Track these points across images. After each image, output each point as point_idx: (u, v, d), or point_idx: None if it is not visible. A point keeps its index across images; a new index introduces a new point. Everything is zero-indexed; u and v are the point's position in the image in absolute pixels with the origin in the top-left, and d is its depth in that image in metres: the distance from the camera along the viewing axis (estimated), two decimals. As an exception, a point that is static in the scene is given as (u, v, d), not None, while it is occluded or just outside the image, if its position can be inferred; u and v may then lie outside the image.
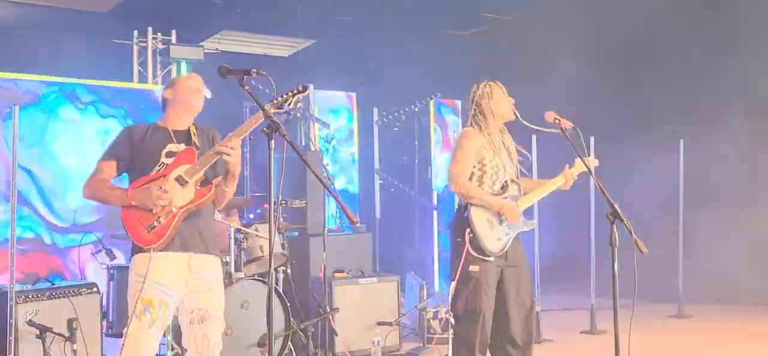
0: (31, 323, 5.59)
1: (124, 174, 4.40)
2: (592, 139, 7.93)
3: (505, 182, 5.31)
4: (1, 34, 9.12)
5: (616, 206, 4.40)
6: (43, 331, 5.60)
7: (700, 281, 9.75)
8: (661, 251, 6.11)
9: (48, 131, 8.69)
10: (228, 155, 4.11)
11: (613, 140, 9.49)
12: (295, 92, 3.99)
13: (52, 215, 8.80)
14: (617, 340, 4.36)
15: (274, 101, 3.93)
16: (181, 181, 4.18)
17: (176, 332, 5.92)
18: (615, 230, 4.38)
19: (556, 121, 5.03)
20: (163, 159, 4.27)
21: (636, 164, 10.13)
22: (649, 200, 9.72)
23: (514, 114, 5.38)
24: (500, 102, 5.33)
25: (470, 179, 5.26)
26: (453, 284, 5.27)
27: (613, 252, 4.37)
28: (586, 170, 5.03)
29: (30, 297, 5.76)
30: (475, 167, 5.27)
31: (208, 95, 4.48)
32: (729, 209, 10.21)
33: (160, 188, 4.13)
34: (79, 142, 8.86)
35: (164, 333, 4.50)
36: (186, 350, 4.29)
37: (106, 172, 4.34)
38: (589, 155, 5.20)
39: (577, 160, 5.20)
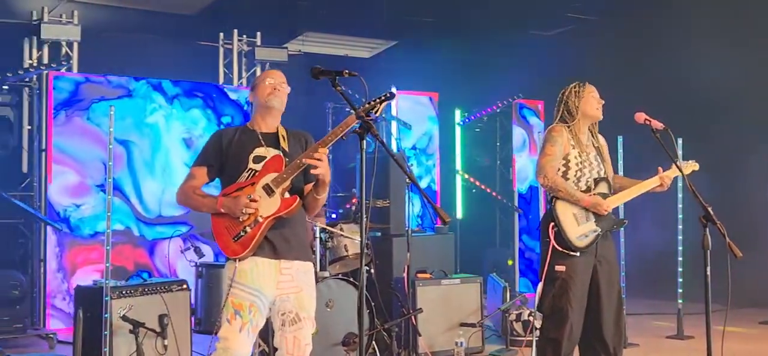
0: (124, 318, 5.75)
1: (217, 179, 4.42)
2: (680, 140, 7.79)
3: (596, 179, 5.27)
4: (93, 36, 9.41)
5: (709, 209, 4.33)
6: (136, 326, 5.75)
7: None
8: (752, 255, 5.97)
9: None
10: (315, 166, 4.09)
11: (703, 141, 9.31)
12: (383, 98, 3.90)
13: (141, 205, 9.07)
14: (710, 345, 4.29)
15: (362, 108, 3.85)
16: (268, 190, 4.18)
17: (263, 330, 6.02)
18: (708, 233, 4.32)
19: (647, 122, 4.99)
20: (252, 164, 4.27)
21: (726, 165, 9.91)
22: (741, 202, 9.51)
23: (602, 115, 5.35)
24: (588, 102, 5.30)
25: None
26: (540, 284, 5.25)
27: (706, 256, 4.30)
28: (680, 174, 4.97)
29: (123, 292, 5.93)
30: (560, 161, 5.25)
31: (287, 90, 4.43)
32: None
33: (249, 197, 4.14)
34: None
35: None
36: (277, 350, 4.33)
37: (198, 178, 4.36)
38: (678, 157, 5.11)
39: (673, 165, 5.13)
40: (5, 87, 8.42)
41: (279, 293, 4.25)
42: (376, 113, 3.91)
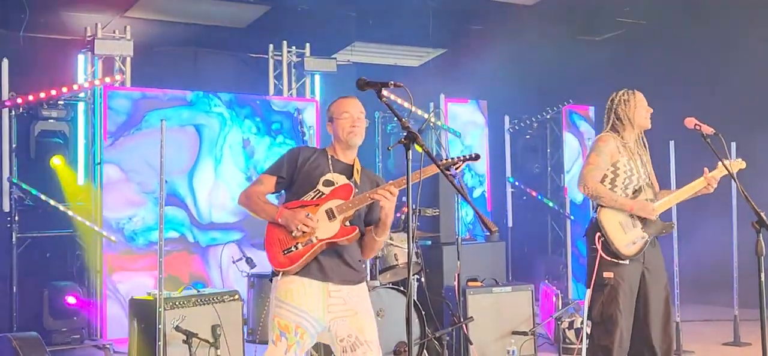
0: (178, 329, 5.83)
1: (283, 192, 4.40)
2: (733, 144, 7.68)
3: (640, 186, 5.23)
4: (146, 50, 9.57)
5: (762, 215, 4.27)
6: (189, 336, 5.83)
7: None
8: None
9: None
10: (384, 199, 4.04)
11: (756, 145, 9.15)
12: (467, 158, 3.96)
13: (195, 209, 9.18)
14: (766, 352, 4.22)
15: (443, 162, 3.89)
16: (330, 214, 4.13)
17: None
18: (761, 238, 4.26)
19: (697, 127, 4.94)
20: (320, 187, 4.22)
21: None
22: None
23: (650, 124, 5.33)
24: (638, 111, 5.27)
25: (603, 182, 5.20)
26: (588, 291, 5.21)
27: (760, 262, 4.24)
28: (729, 174, 4.92)
29: (177, 303, 6.01)
30: (608, 170, 5.22)
31: (366, 123, 4.41)
32: None
33: (308, 215, 4.09)
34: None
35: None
36: None
37: (266, 185, 4.31)
38: (729, 159, 5.03)
39: (719, 164, 5.06)
40: (61, 102, 8.60)
41: (331, 317, 4.17)
42: (457, 169, 3.92)
